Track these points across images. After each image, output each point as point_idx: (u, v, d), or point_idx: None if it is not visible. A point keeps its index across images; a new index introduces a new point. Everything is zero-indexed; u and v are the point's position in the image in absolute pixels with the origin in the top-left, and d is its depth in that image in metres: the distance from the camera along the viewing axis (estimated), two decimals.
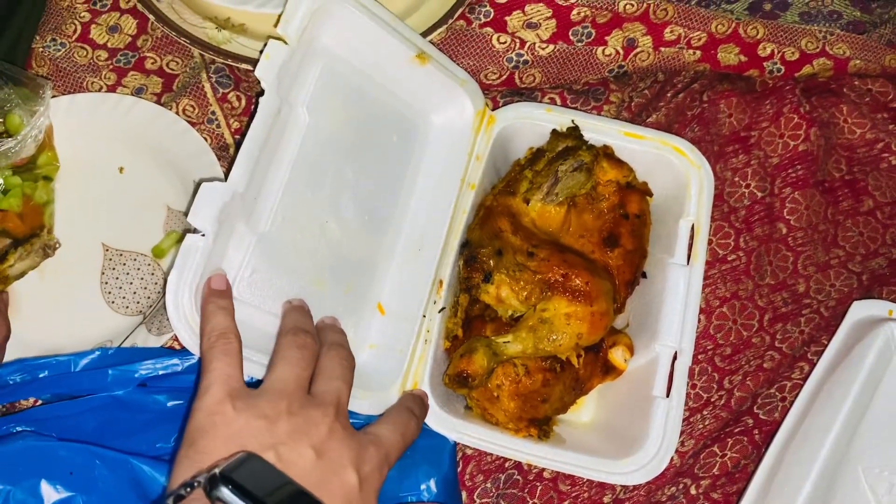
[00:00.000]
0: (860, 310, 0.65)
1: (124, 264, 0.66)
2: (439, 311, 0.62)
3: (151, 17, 0.65)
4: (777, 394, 0.66)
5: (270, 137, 0.55)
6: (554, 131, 0.67)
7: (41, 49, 0.72)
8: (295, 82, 0.57)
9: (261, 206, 0.55)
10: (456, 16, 0.70)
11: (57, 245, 0.61)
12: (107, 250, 0.66)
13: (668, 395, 0.60)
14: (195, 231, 0.51)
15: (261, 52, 0.54)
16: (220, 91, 0.70)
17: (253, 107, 0.70)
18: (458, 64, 0.71)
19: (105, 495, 0.51)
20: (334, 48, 0.60)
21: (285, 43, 0.55)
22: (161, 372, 0.57)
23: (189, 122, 0.69)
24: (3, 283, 0.58)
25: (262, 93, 0.54)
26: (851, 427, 0.59)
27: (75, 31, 0.73)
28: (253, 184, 0.54)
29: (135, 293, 0.65)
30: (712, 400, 0.66)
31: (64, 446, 0.52)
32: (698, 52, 0.75)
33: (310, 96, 0.58)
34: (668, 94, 0.75)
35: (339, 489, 0.44)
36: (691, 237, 0.65)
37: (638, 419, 0.60)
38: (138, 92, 0.71)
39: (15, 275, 0.59)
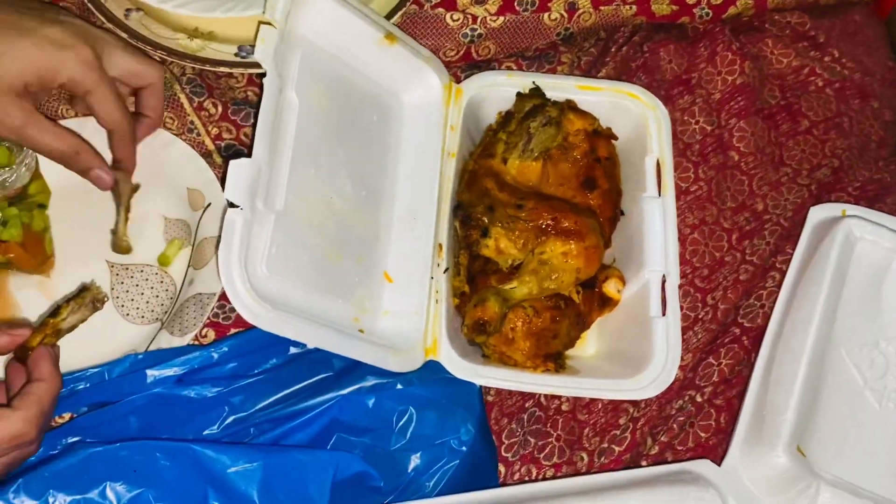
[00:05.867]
0: (817, 214, 0.72)
1: (132, 277, 0.68)
2: (444, 272, 0.66)
3: (124, 36, 0.67)
4: (756, 302, 0.72)
5: (274, 118, 0.58)
6: (519, 94, 0.72)
7: None
8: (284, 66, 0.60)
9: (274, 185, 0.58)
10: (409, 2, 0.74)
11: (105, 298, 0.61)
12: (112, 266, 0.68)
13: (664, 314, 0.65)
14: (232, 206, 0.54)
15: (253, 39, 0.58)
16: (195, 100, 0.73)
17: (230, 110, 0.73)
18: None
19: (172, 486, 0.53)
20: (310, 35, 0.63)
21: (274, 27, 0.58)
22: (196, 366, 0.59)
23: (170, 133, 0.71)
24: (56, 337, 0.59)
25: (263, 75, 0.57)
26: (829, 316, 0.65)
27: None
28: (267, 163, 0.57)
29: (147, 303, 0.67)
30: (700, 317, 0.72)
31: (124, 446, 0.53)
32: (634, 7, 0.81)
33: (296, 81, 0.61)
34: (613, 50, 0.80)
35: None
36: (658, 172, 0.70)
37: (641, 340, 0.65)
38: None
39: (67, 328, 0.60)
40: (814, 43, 0.84)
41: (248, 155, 0.55)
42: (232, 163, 0.54)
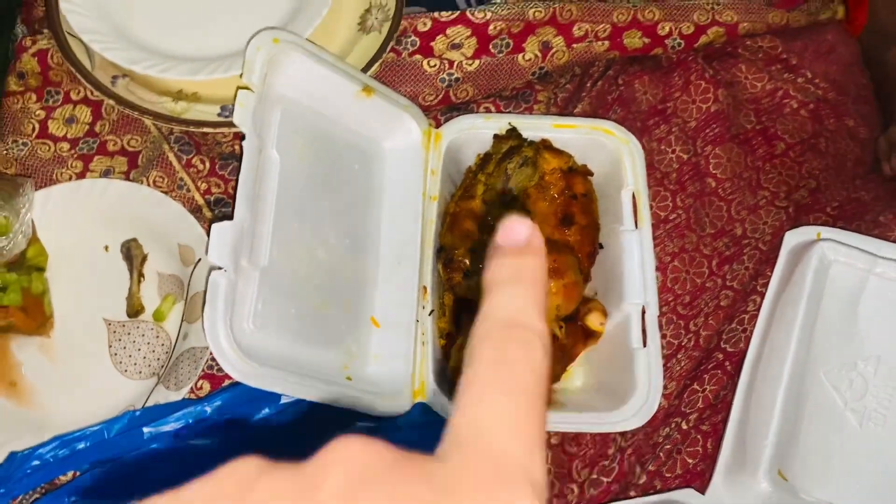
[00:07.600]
0: (793, 238, 0.73)
1: (129, 334, 0.70)
2: (429, 314, 0.68)
3: (112, 102, 0.70)
4: (738, 327, 0.74)
5: (256, 178, 0.60)
6: (496, 135, 0.74)
7: (5, 152, 0.76)
8: (263, 126, 0.63)
9: (258, 242, 0.60)
10: (386, 52, 0.77)
11: None
12: (109, 324, 0.70)
13: (644, 345, 0.67)
14: (217, 268, 0.56)
15: (233, 100, 0.61)
16: (184, 158, 0.75)
17: (217, 165, 0.76)
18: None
19: None
20: (288, 93, 0.66)
21: (252, 91, 0.61)
22: (192, 420, 0.61)
23: (161, 191, 0.74)
24: None
25: (243, 137, 0.60)
26: (806, 339, 0.67)
27: (34, 129, 0.77)
28: (249, 222, 0.59)
29: (144, 358, 0.69)
30: (683, 344, 0.73)
31: None
32: (606, 42, 0.83)
33: (276, 138, 0.64)
34: (588, 85, 0.82)
35: None
36: (634, 204, 0.72)
37: (624, 372, 0.66)
38: (106, 174, 0.75)
39: None
40: (786, 65, 0.86)
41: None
42: (214, 226, 0.56)
